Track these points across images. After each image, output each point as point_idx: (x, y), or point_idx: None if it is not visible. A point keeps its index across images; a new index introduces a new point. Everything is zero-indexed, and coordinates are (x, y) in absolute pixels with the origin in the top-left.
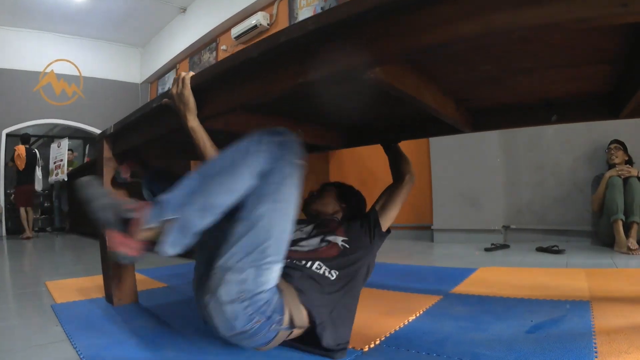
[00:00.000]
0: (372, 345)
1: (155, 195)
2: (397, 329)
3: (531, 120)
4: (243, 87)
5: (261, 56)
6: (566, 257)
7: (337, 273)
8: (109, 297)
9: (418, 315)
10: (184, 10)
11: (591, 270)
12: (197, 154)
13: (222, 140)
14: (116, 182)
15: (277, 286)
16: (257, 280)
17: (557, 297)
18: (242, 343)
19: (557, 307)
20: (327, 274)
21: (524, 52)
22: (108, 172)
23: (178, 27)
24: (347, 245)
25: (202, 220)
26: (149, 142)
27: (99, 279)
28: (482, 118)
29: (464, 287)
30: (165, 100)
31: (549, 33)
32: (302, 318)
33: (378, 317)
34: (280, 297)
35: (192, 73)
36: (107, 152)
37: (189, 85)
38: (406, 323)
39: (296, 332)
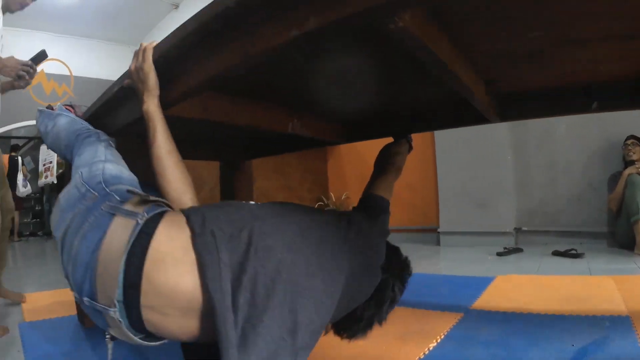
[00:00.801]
0: None
1: None
2: None
3: (567, 109)
4: (219, 52)
5: (240, 5)
6: (586, 261)
7: None
8: (80, 317)
9: (439, 340)
10: (176, 6)
11: (619, 278)
12: (147, 146)
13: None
14: None
15: None
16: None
17: (592, 312)
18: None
19: (595, 324)
20: None
21: (590, 14)
22: None
23: (170, 24)
24: None
25: None
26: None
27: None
28: (510, 105)
29: (484, 302)
30: (126, 81)
31: None
32: None
33: (392, 343)
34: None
35: (155, 42)
36: None
37: (150, 57)
38: (427, 352)
39: None
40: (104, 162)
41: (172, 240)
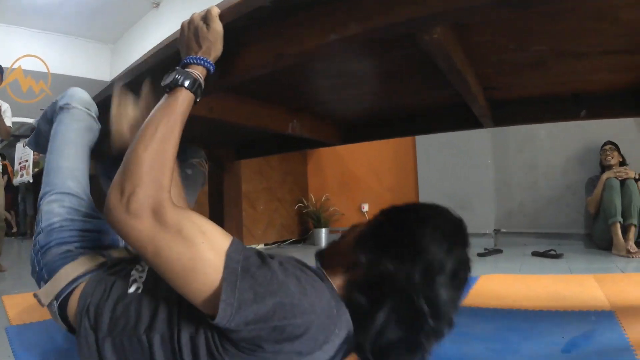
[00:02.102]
0: None
1: None
2: None
3: (557, 115)
4: (251, 48)
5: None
6: (565, 261)
7: (139, 288)
8: None
9: None
10: (157, 5)
11: (599, 276)
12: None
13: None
14: None
15: (78, 252)
16: (37, 219)
17: (578, 308)
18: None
19: (582, 319)
20: (132, 278)
21: (592, 30)
22: None
23: (151, 23)
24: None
25: None
26: None
27: None
28: (504, 111)
29: (473, 299)
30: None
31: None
32: (50, 291)
33: None
34: (61, 258)
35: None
36: None
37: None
38: None
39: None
40: (40, 201)
41: None
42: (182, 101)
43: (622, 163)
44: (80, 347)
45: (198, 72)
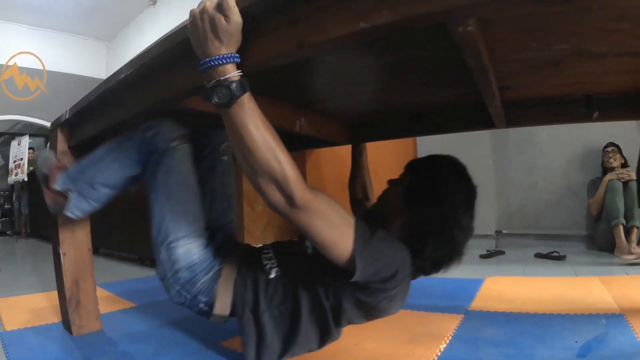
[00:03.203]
0: None
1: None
2: None
3: (570, 116)
4: (269, 37)
5: None
6: (569, 264)
7: (278, 272)
8: (66, 324)
9: (448, 341)
10: (153, 2)
11: (604, 278)
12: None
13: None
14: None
15: (220, 269)
16: (170, 260)
17: (587, 311)
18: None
19: (593, 322)
20: (268, 267)
21: (615, 30)
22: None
23: (147, 20)
24: (312, 252)
25: (95, 192)
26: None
27: (57, 297)
28: (515, 112)
29: (481, 303)
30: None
31: None
32: (223, 305)
33: (402, 346)
34: (212, 280)
35: None
36: (61, 145)
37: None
38: (439, 354)
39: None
40: (173, 249)
41: None
42: (248, 106)
43: (624, 165)
44: (243, 327)
45: (234, 70)
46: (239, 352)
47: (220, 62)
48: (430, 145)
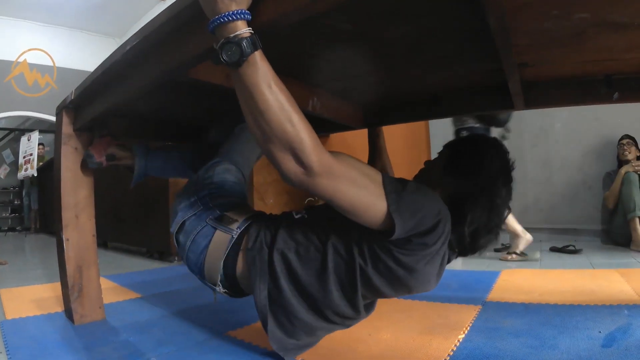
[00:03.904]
0: None
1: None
2: (452, 352)
3: (590, 97)
4: None
5: None
6: (585, 257)
7: (304, 215)
8: (68, 313)
9: (466, 331)
10: None
11: (624, 271)
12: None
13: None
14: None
15: (244, 200)
16: (205, 175)
17: (608, 302)
18: (184, 249)
19: (614, 313)
20: (294, 213)
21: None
22: (69, 154)
23: None
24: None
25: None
26: (122, 107)
27: (60, 287)
28: (534, 93)
29: (498, 294)
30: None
31: None
32: (237, 214)
33: (419, 336)
34: (234, 203)
35: None
36: (66, 128)
37: None
38: (457, 344)
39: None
40: (215, 165)
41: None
42: (260, 65)
43: None
44: (252, 262)
45: (244, 27)
46: (246, 342)
47: (230, 18)
48: (443, 138)
